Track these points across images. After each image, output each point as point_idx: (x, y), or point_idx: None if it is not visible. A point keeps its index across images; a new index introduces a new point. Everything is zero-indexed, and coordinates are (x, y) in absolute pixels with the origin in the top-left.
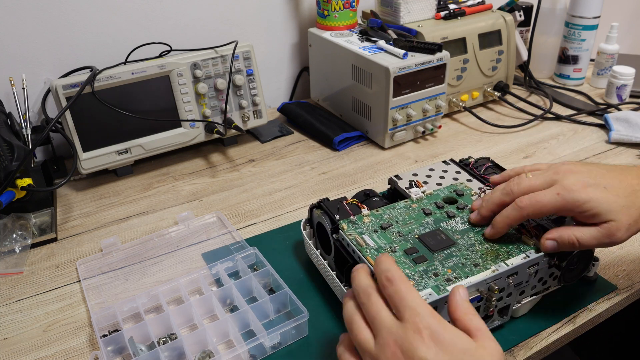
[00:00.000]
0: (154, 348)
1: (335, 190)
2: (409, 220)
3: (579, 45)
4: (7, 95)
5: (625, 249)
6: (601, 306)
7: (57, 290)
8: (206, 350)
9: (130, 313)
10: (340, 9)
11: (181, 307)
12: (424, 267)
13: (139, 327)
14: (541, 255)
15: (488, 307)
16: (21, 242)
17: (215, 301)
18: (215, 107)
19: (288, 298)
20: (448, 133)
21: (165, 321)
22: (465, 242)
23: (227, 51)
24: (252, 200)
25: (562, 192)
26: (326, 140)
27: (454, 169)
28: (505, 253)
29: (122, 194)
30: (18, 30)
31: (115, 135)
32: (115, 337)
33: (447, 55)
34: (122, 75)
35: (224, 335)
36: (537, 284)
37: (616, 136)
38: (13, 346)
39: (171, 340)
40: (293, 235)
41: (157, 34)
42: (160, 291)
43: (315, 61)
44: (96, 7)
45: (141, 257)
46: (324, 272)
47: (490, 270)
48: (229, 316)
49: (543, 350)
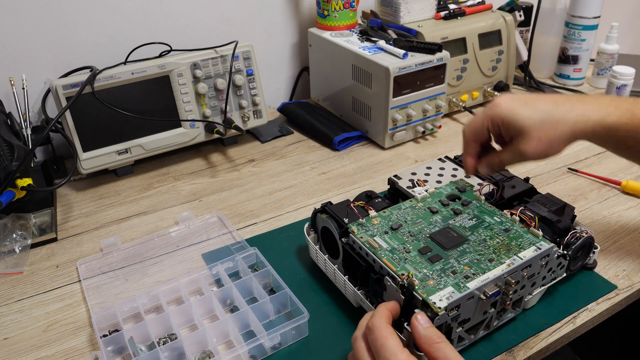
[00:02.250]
0: (154, 348)
1: (335, 191)
2: (417, 220)
3: (579, 45)
4: (7, 95)
5: (626, 249)
6: (601, 306)
7: (57, 290)
8: (206, 351)
9: (130, 313)
10: (340, 9)
11: (181, 307)
12: (441, 266)
13: (139, 327)
14: (551, 247)
15: (504, 300)
16: (21, 242)
17: (215, 301)
18: (215, 107)
19: (288, 298)
20: (448, 133)
21: (166, 321)
22: (476, 237)
23: (227, 51)
24: (252, 200)
25: (487, 109)
26: (326, 140)
27: (450, 165)
28: (517, 246)
29: (122, 194)
30: (18, 30)
31: (115, 135)
32: (116, 337)
33: (447, 55)
34: (122, 75)
35: (224, 335)
36: (546, 274)
37: None
38: (13, 346)
39: (171, 341)
40: (293, 235)
41: (157, 34)
42: (161, 291)
43: (315, 61)
44: (96, 7)
45: (141, 257)
46: (333, 277)
47: (505, 265)
48: (229, 316)
49: (543, 350)
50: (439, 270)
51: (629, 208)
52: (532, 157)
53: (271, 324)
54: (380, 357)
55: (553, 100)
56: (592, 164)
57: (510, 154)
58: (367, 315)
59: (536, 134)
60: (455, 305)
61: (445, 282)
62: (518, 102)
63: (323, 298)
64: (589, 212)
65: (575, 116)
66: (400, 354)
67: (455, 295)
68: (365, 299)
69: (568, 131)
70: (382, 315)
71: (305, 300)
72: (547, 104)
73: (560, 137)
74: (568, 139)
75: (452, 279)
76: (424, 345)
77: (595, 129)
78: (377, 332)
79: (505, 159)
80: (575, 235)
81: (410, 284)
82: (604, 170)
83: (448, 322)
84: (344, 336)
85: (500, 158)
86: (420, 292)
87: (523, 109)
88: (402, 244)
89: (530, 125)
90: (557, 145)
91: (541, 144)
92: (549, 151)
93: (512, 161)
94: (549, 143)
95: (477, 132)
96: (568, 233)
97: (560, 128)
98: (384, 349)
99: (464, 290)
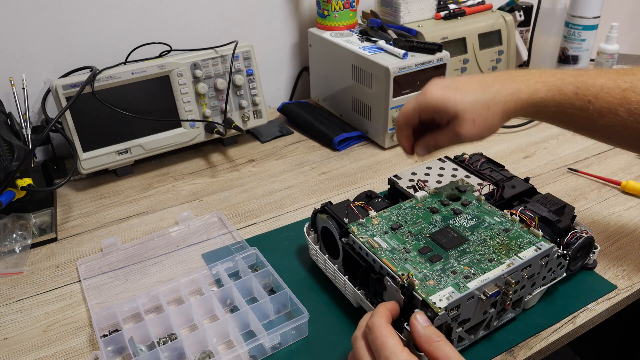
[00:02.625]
0: (154, 348)
1: (335, 190)
2: (417, 220)
3: (579, 45)
4: (7, 95)
5: (626, 249)
6: (601, 306)
7: (57, 290)
8: (206, 351)
9: (130, 313)
10: (340, 9)
11: (181, 307)
12: (441, 266)
13: (139, 327)
14: (551, 247)
15: (505, 300)
16: (21, 242)
17: (215, 301)
18: (215, 107)
19: (288, 298)
20: None
21: (166, 321)
22: (476, 237)
23: (227, 51)
24: (252, 200)
25: (419, 97)
26: (326, 140)
27: (450, 165)
28: (517, 246)
29: (122, 194)
30: (18, 30)
31: (115, 135)
32: (116, 337)
33: (447, 55)
34: (122, 75)
35: (224, 335)
36: (546, 274)
37: None
38: (13, 346)
39: (171, 341)
40: (293, 235)
41: (157, 34)
42: (161, 291)
43: (315, 61)
44: (96, 7)
45: (141, 257)
46: (333, 277)
47: (505, 265)
48: (229, 316)
49: (543, 350)
50: (439, 270)
51: (629, 208)
52: (468, 139)
53: (271, 324)
54: (380, 357)
55: (483, 82)
56: (592, 164)
57: (447, 136)
58: (367, 315)
59: (469, 117)
60: (455, 305)
61: (445, 282)
62: (448, 89)
63: (323, 298)
64: (589, 212)
65: (505, 96)
66: (400, 353)
67: (455, 295)
68: (365, 299)
69: (500, 111)
70: (382, 314)
71: (305, 300)
72: (478, 87)
73: (493, 117)
74: (501, 118)
75: (452, 279)
76: (423, 344)
77: (525, 107)
78: (377, 332)
79: (441, 141)
80: (575, 235)
81: (410, 284)
82: (604, 170)
83: (448, 322)
84: (344, 336)
85: (437, 140)
86: (420, 292)
87: (454, 94)
88: (402, 244)
89: (463, 109)
90: (492, 125)
91: (475, 125)
92: (483, 132)
93: (449, 143)
94: (483, 124)
95: (408, 119)
96: (568, 233)
97: (493, 109)
98: (384, 348)
99: (464, 290)
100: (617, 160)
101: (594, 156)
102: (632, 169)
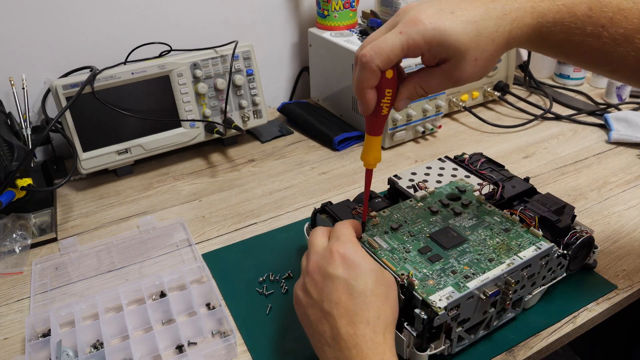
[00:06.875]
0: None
1: (335, 190)
2: (417, 220)
3: None
4: (7, 95)
5: (626, 249)
6: (601, 306)
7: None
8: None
9: (66, 319)
10: (340, 9)
11: (116, 315)
12: (441, 266)
13: (70, 333)
14: (551, 246)
15: (505, 300)
16: (21, 242)
17: (151, 313)
18: (215, 107)
19: (224, 316)
20: (448, 133)
21: (97, 329)
22: (476, 237)
23: (227, 51)
24: (252, 200)
25: (404, 28)
26: (326, 140)
27: (450, 165)
28: (517, 246)
29: (122, 194)
30: (18, 30)
31: (115, 135)
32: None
33: None
34: (122, 75)
35: (153, 349)
36: (546, 274)
37: (616, 136)
38: (13, 346)
39: (97, 350)
40: (293, 235)
41: (157, 34)
42: (99, 299)
43: (315, 61)
44: (96, 7)
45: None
46: None
47: (505, 264)
48: (161, 329)
49: (543, 350)
50: (439, 270)
51: (629, 208)
52: (467, 81)
53: (204, 341)
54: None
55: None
56: (592, 164)
57: (440, 80)
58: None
59: (472, 55)
60: (455, 305)
61: (445, 281)
62: (442, 14)
63: None
64: (589, 212)
65: (510, 22)
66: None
67: (455, 295)
68: None
69: (504, 43)
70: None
71: None
72: (478, 10)
73: (496, 52)
74: (502, 52)
75: (452, 279)
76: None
77: (530, 36)
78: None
79: (431, 86)
80: (575, 235)
81: (410, 283)
82: (604, 170)
83: (448, 322)
84: None
85: (426, 88)
86: (420, 292)
87: (452, 23)
88: (402, 244)
89: (466, 45)
90: (492, 64)
91: (477, 65)
92: (484, 72)
93: (440, 89)
94: (484, 63)
95: (390, 61)
96: (568, 233)
97: (498, 40)
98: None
99: (463, 290)
100: (617, 160)
101: (594, 156)
102: (632, 169)
